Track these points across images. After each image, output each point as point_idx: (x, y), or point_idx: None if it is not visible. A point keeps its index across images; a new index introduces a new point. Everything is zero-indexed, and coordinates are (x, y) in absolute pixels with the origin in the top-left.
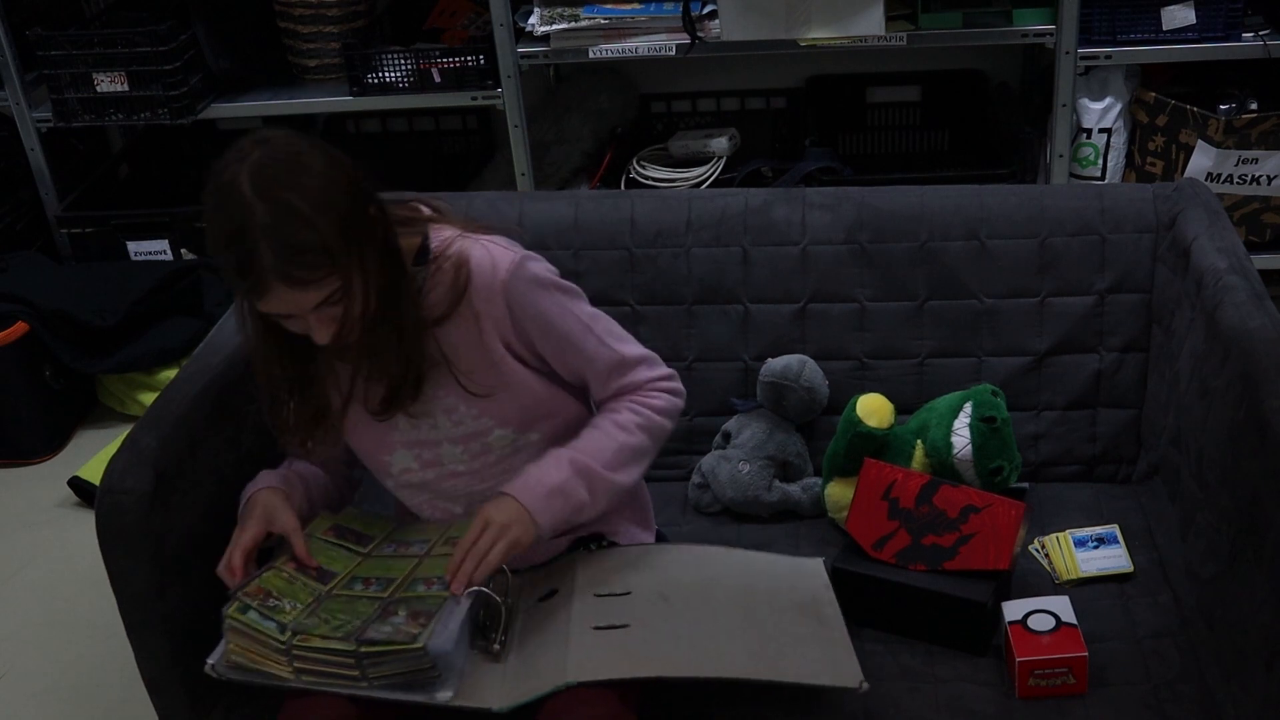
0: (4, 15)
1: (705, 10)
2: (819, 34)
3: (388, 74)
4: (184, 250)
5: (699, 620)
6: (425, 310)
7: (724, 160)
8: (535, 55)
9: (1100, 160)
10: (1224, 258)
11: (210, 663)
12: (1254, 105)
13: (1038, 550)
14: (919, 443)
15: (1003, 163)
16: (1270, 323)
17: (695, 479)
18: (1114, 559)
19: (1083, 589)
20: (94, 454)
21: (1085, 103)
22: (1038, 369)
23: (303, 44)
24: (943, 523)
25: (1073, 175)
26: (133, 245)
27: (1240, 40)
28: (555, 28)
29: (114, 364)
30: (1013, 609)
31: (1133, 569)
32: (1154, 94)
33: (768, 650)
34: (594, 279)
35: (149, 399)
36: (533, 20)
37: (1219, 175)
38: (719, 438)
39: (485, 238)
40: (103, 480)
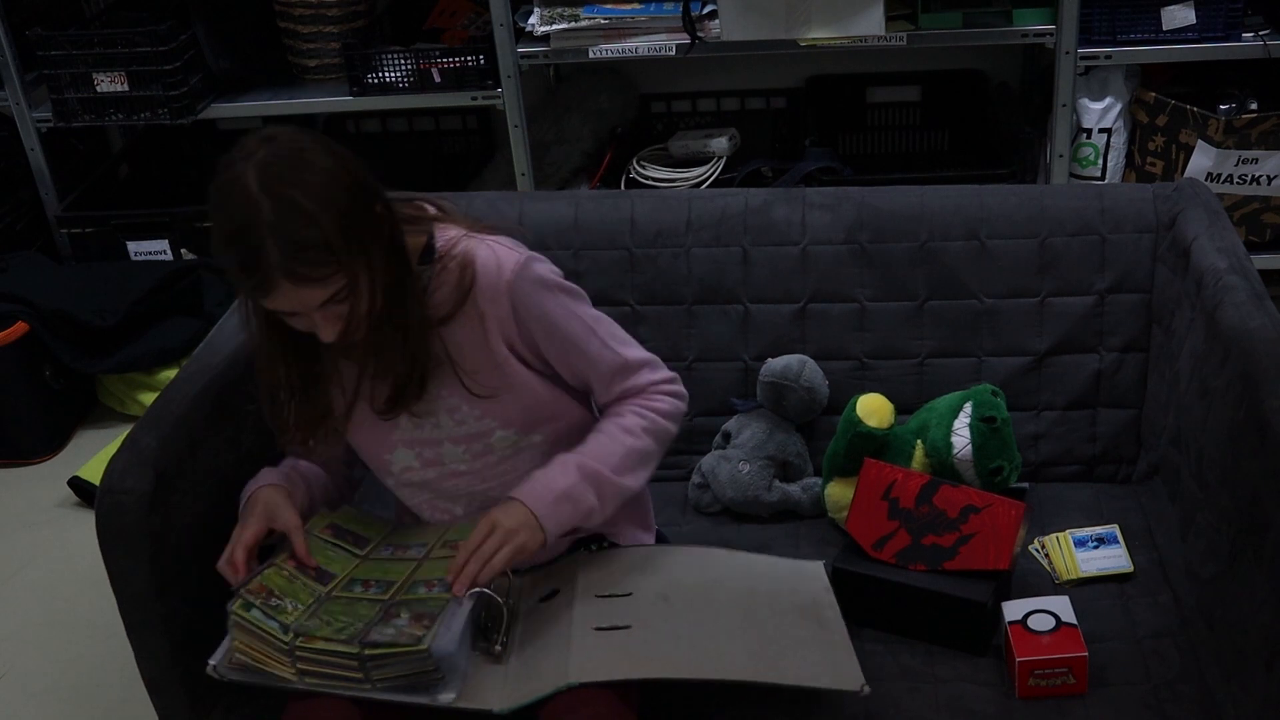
0: (4, 15)
1: (705, 10)
2: (819, 34)
3: (388, 74)
4: (184, 250)
5: (700, 622)
6: (430, 309)
7: (724, 160)
8: (535, 55)
9: (1100, 160)
10: (1224, 258)
11: (212, 663)
12: (1254, 105)
13: (1038, 550)
14: (919, 443)
15: (1003, 163)
16: (1270, 323)
17: (695, 479)
18: (1114, 559)
19: (1083, 589)
20: (94, 454)
21: (1085, 103)
22: (1038, 369)
23: (303, 44)
24: (943, 523)
25: (1073, 175)
26: (133, 245)
27: (1240, 40)
28: (555, 28)
29: (114, 364)
30: (1013, 609)
31: (1133, 569)
32: (1154, 94)
33: (769, 652)
34: (594, 279)
35: (149, 399)
36: (533, 20)
37: (1219, 175)
38: (719, 438)
39: (491, 238)
40: (103, 480)
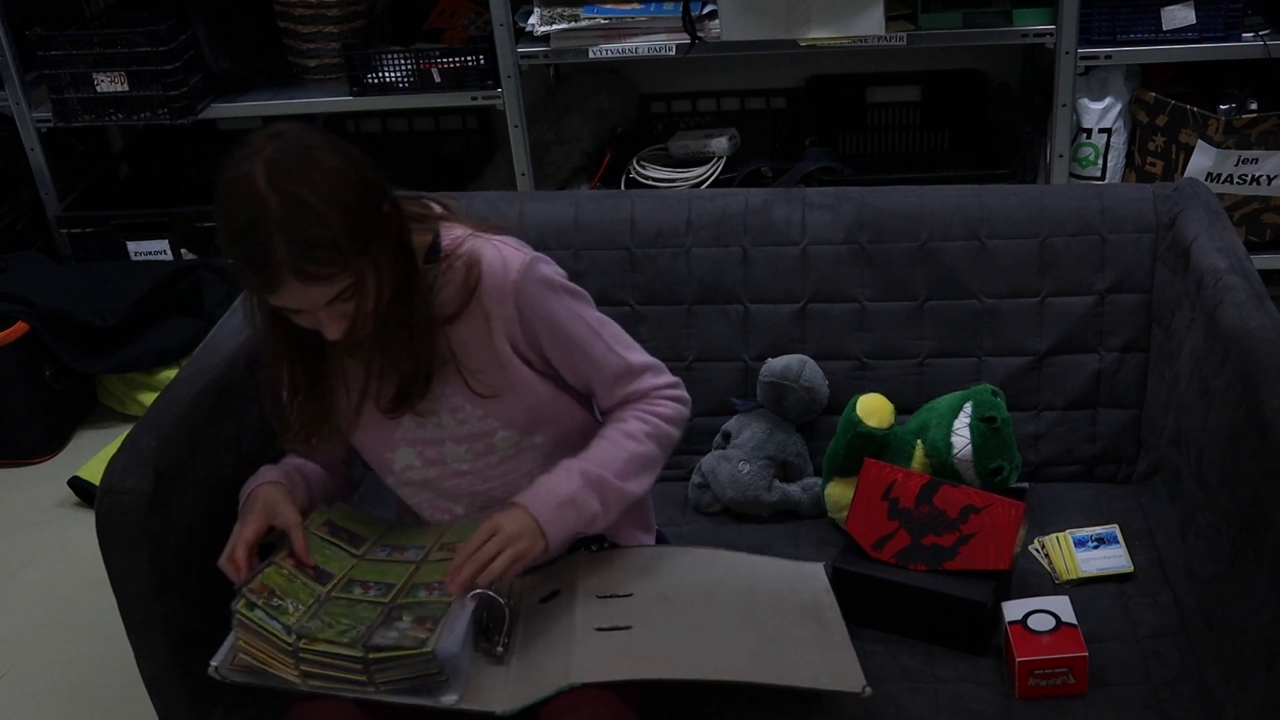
0: (4, 15)
1: (705, 10)
2: (819, 34)
3: (388, 74)
4: (184, 250)
5: (701, 622)
6: (436, 308)
7: (724, 160)
8: (535, 55)
9: (1100, 160)
10: (1224, 258)
11: (214, 664)
12: (1254, 105)
13: (1038, 550)
14: (919, 443)
15: (1003, 163)
16: (1270, 323)
17: (695, 479)
18: (1114, 559)
19: (1083, 589)
20: (94, 454)
21: (1085, 103)
22: (1038, 369)
23: (303, 44)
24: (943, 523)
25: (1073, 175)
26: (133, 245)
27: (1240, 40)
28: (555, 28)
29: (114, 364)
30: (1013, 609)
31: (1133, 569)
32: (1154, 94)
33: (769, 653)
34: (594, 279)
35: (149, 399)
36: (533, 20)
37: (1219, 175)
38: (719, 438)
39: (497, 238)
40: (103, 480)
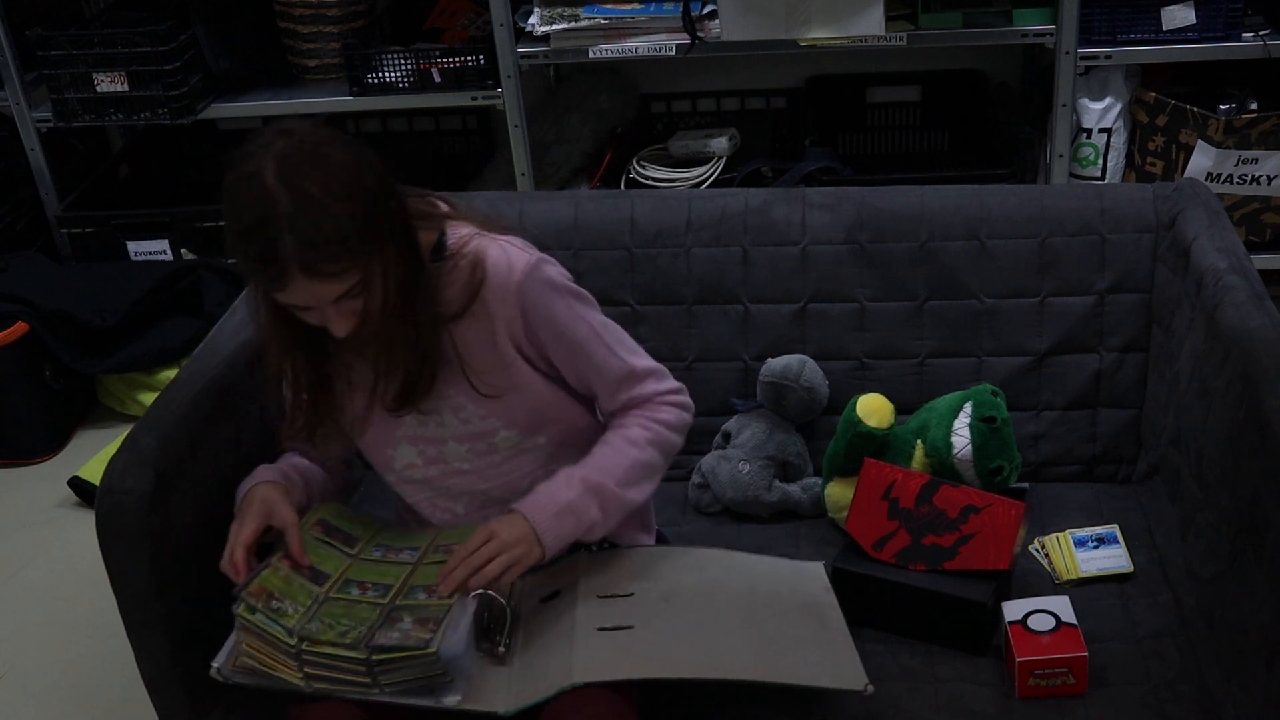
0: (4, 15)
1: (705, 10)
2: (819, 34)
3: (388, 74)
4: (184, 250)
5: (702, 622)
6: (440, 306)
7: (724, 160)
8: (535, 55)
9: (1100, 160)
10: (1224, 258)
11: (215, 665)
12: (1254, 105)
13: (1038, 550)
14: (919, 443)
15: (1003, 163)
16: (1270, 323)
17: (695, 479)
18: (1114, 559)
19: (1083, 589)
20: (94, 454)
21: (1085, 103)
22: (1038, 369)
23: (303, 44)
24: (943, 523)
25: (1073, 175)
26: (133, 245)
27: (1240, 40)
28: (555, 28)
29: (114, 364)
30: (1013, 609)
31: (1133, 569)
32: (1154, 94)
33: (771, 652)
34: (594, 279)
35: (149, 399)
36: (533, 20)
37: (1219, 175)
38: (719, 438)
39: (503, 238)
40: (103, 480)
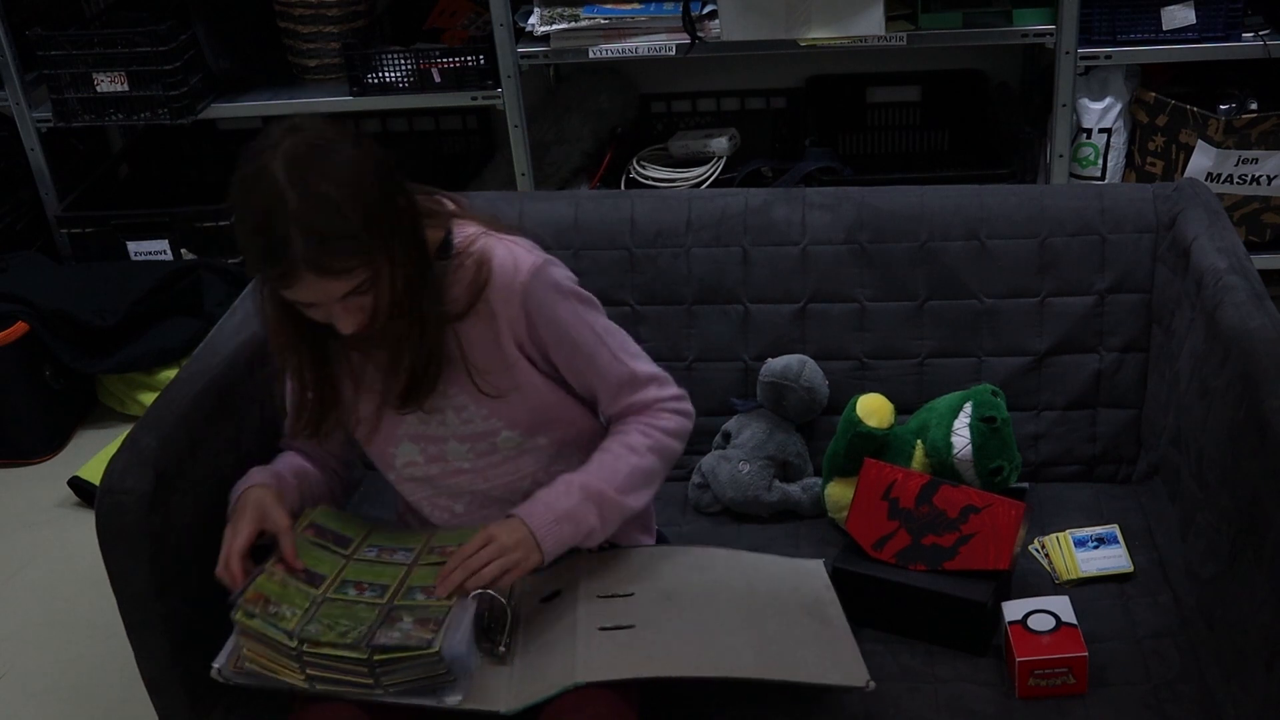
0: (4, 15)
1: (705, 10)
2: (819, 34)
3: (388, 74)
4: (184, 250)
5: (704, 621)
6: (446, 305)
7: (724, 160)
8: (535, 55)
9: (1100, 160)
10: (1224, 258)
11: (216, 666)
12: (1254, 105)
13: (1038, 550)
14: (919, 443)
15: (1003, 163)
16: (1270, 323)
17: (695, 479)
18: (1114, 559)
19: (1083, 589)
20: (94, 454)
21: (1085, 103)
22: (1038, 369)
23: (303, 44)
24: (943, 523)
25: (1073, 175)
26: (133, 245)
27: (1240, 40)
28: (555, 28)
29: (114, 364)
30: (1013, 609)
31: (1133, 569)
32: (1154, 94)
33: (773, 650)
34: (594, 279)
35: (149, 399)
36: (533, 20)
37: (1219, 175)
38: (719, 438)
39: (509, 238)
40: (103, 480)
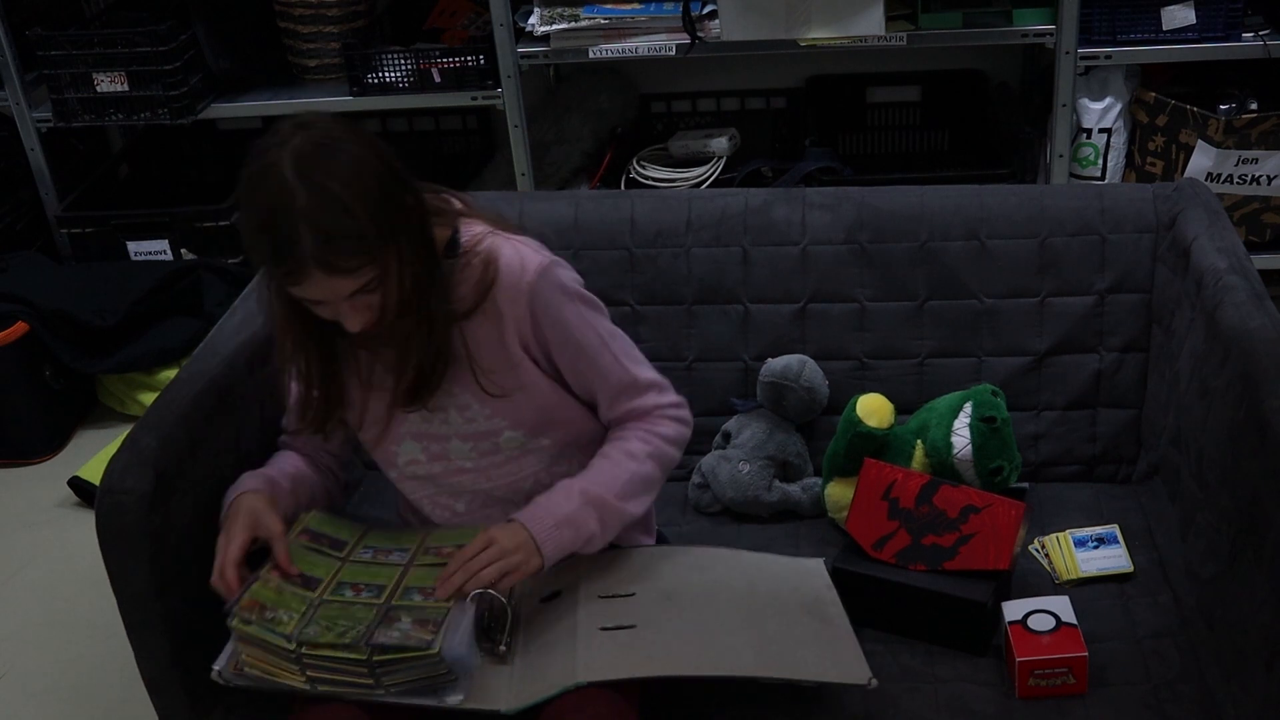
0: (4, 15)
1: (705, 10)
2: (819, 34)
3: (388, 74)
4: (184, 250)
5: (705, 620)
6: (452, 303)
7: (724, 160)
8: (535, 55)
9: (1100, 160)
10: (1224, 258)
11: (217, 669)
12: (1254, 105)
13: (1038, 550)
14: (919, 443)
15: (1003, 163)
16: (1270, 323)
17: (695, 479)
18: (1114, 559)
19: (1083, 589)
20: (94, 454)
21: (1085, 103)
22: (1038, 369)
23: (303, 44)
24: (943, 523)
25: (1073, 175)
26: (133, 245)
27: (1240, 40)
28: (555, 28)
29: (114, 364)
30: (1013, 609)
31: (1133, 569)
32: (1154, 94)
33: (774, 649)
34: (594, 279)
35: (149, 399)
36: (533, 20)
37: (1219, 175)
38: (719, 438)
39: (516, 238)
40: (103, 480)
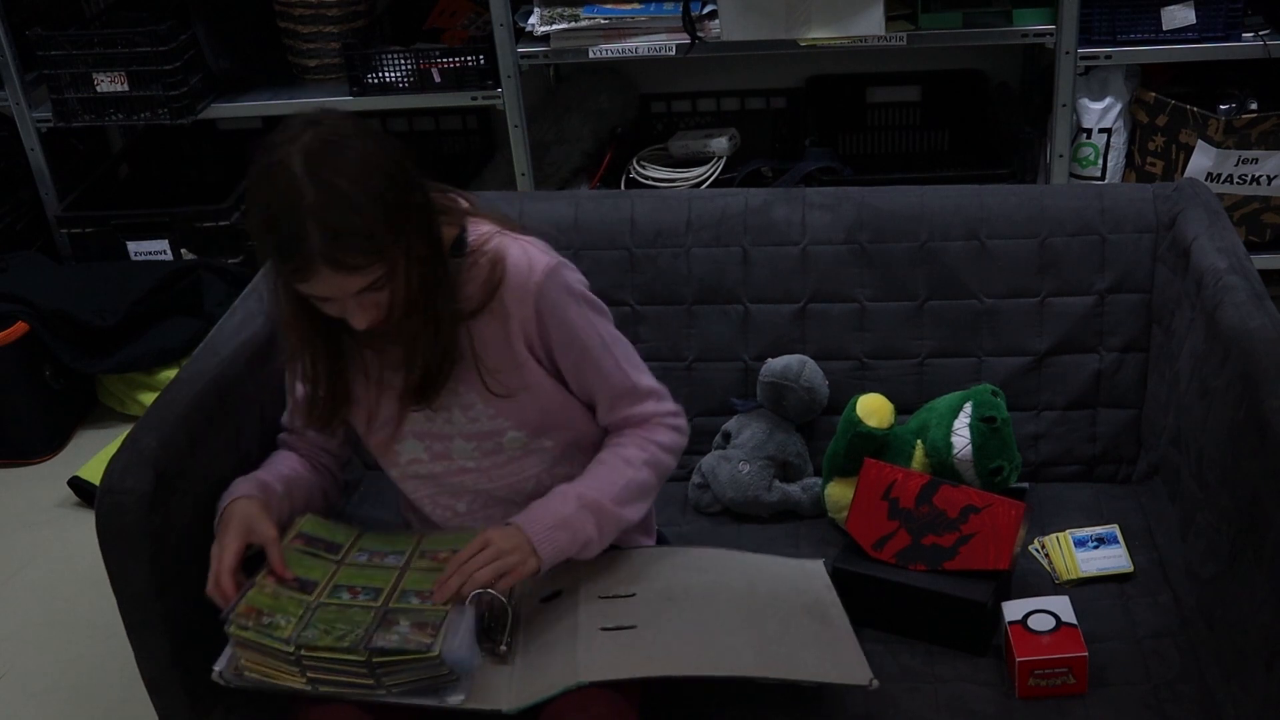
0: (4, 15)
1: (705, 10)
2: (819, 34)
3: (388, 74)
4: (184, 250)
5: (705, 620)
6: (460, 302)
7: (724, 160)
8: (535, 55)
9: (1100, 160)
10: (1224, 258)
11: (217, 669)
12: (1254, 105)
13: (1038, 550)
14: (919, 443)
15: (1003, 163)
16: (1270, 323)
17: (695, 479)
18: (1114, 559)
19: (1083, 589)
20: (94, 454)
21: (1085, 103)
22: (1038, 369)
23: (303, 44)
24: (943, 523)
25: (1073, 175)
26: (133, 245)
27: (1240, 40)
28: (555, 28)
29: (114, 364)
30: (1013, 609)
31: (1133, 569)
32: (1154, 94)
33: (775, 649)
34: (594, 279)
35: (149, 399)
36: (533, 20)
37: (1219, 175)
38: (719, 438)
39: (524, 238)
40: (103, 480)
